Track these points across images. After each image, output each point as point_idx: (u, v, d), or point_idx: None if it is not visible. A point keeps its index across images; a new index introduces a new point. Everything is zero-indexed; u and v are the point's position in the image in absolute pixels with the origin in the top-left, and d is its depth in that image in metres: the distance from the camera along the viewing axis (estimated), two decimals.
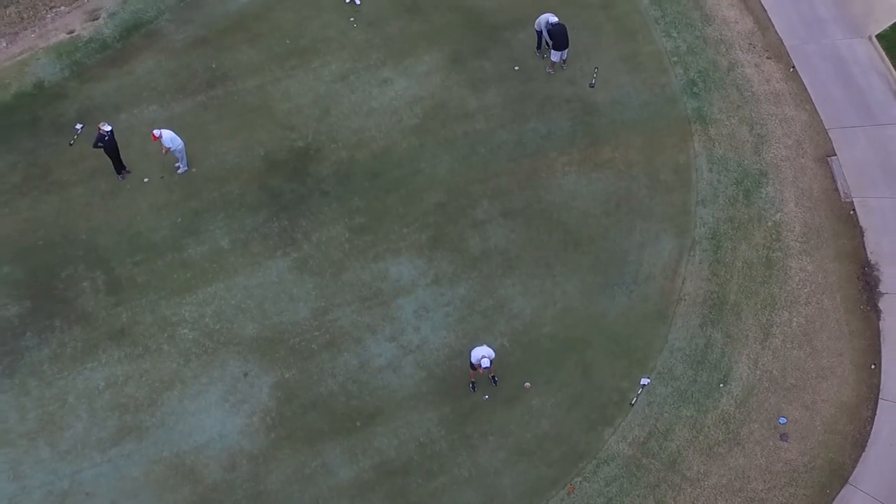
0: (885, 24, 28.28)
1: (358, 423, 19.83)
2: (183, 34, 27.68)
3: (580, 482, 18.97)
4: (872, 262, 23.02)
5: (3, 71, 27.34)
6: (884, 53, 27.58)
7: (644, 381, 20.31)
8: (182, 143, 23.84)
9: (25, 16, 29.61)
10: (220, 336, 21.25)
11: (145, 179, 24.44)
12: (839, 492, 19.36)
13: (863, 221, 23.83)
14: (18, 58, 27.86)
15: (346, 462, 19.31)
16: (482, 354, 18.69)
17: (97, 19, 28.75)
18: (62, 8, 29.84)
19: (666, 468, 19.23)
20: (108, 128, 23.24)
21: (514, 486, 18.96)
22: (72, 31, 28.46)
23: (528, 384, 20.28)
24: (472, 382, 20.11)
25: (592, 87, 26.04)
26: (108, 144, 23.37)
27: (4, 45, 28.86)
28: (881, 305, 22.25)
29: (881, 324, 21.99)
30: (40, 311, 21.83)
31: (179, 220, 23.54)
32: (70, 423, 20.04)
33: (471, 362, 19.16)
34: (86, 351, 21.16)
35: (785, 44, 28.09)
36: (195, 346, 21.12)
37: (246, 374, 20.64)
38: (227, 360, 20.87)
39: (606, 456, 19.33)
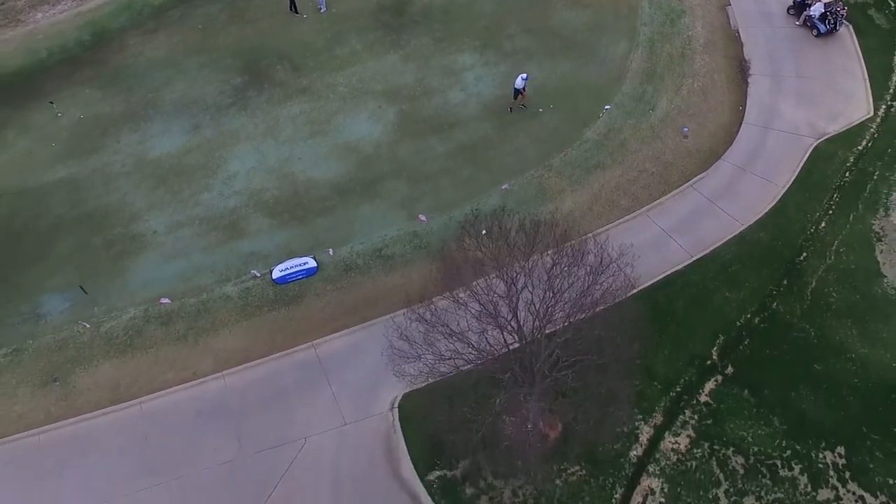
0: None
1: (446, 127, 37.69)
2: None
3: (571, 151, 36.80)
4: (747, 59, 41.00)
5: None
6: None
7: (607, 107, 38.25)
8: None
9: None
10: (362, 90, 39.19)
11: (304, 16, 42.51)
12: (715, 162, 37.13)
13: (743, 39, 41.89)
14: None
15: (440, 144, 37.12)
16: (520, 76, 36.64)
17: None
18: None
19: (617, 146, 37.12)
20: None
21: (535, 154, 36.69)
22: None
23: (541, 109, 38.17)
24: (510, 108, 38.05)
25: None
26: None
27: None
28: (749, 80, 40.16)
29: (748, 89, 39.91)
30: (254, 80, 39.81)
31: (329, 35, 41.60)
32: (282, 130, 37.94)
33: (514, 90, 37.02)
34: (284, 98, 39.10)
35: None
36: (348, 94, 39.08)
37: (380, 107, 38.55)
38: (368, 100, 38.82)
39: (585, 139, 37.19)
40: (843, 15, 40.31)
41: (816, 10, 40.10)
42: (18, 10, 45.06)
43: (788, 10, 41.77)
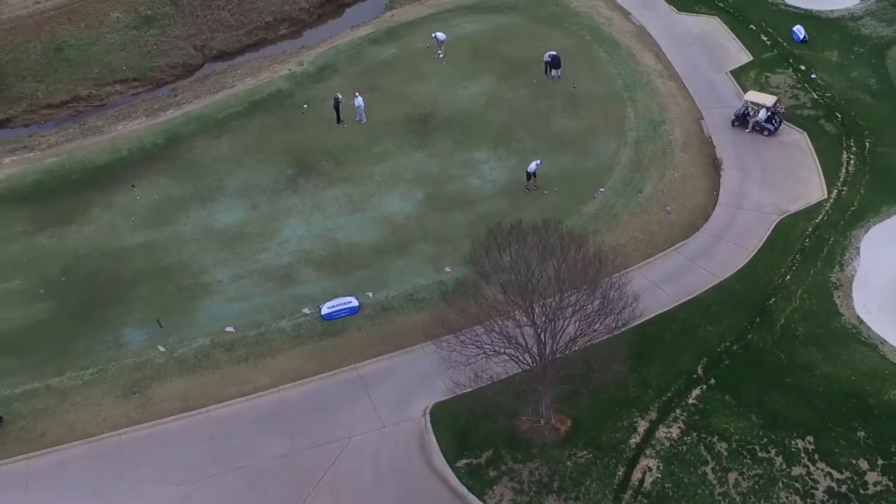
0: (733, 66, 56.40)
1: (466, 204, 45.31)
2: (358, 69, 55.67)
3: (571, 221, 44.14)
4: (718, 157, 49.31)
5: (259, 86, 54.98)
6: (732, 79, 55.39)
7: (601, 189, 46.02)
8: (363, 104, 50.85)
9: (260, 66, 57.71)
10: (394, 178, 47.15)
11: (345, 126, 51.33)
12: (694, 233, 44.46)
13: (715, 142, 50.40)
14: (264, 80, 55.66)
15: (462, 216, 44.57)
16: (534, 161, 44.65)
17: (303, 65, 56.81)
18: (279, 65, 58.08)
19: (610, 218, 44.50)
20: (340, 96, 50.47)
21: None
22: (290, 70, 56.43)
23: (545, 191, 45.95)
24: (527, 188, 45.74)
25: (575, 88, 53.53)
26: (336, 105, 50.51)
27: (251, 79, 56.77)
28: (721, 173, 48.26)
29: (720, 179, 47.90)
30: (303, 171, 47.90)
31: (366, 139, 50.17)
32: (328, 207, 45.56)
33: (527, 172, 44.96)
34: (329, 184, 47.01)
35: (679, 74, 56.06)
36: (383, 181, 47.00)
37: (409, 190, 46.35)
38: (400, 185, 46.69)
39: (583, 213, 44.62)
40: (782, 113, 49.32)
41: (762, 115, 48.98)
42: (100, 126, 54.03)
43: (733, 122, 50.62)
